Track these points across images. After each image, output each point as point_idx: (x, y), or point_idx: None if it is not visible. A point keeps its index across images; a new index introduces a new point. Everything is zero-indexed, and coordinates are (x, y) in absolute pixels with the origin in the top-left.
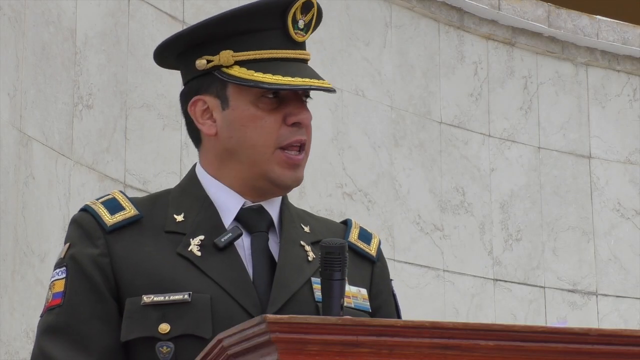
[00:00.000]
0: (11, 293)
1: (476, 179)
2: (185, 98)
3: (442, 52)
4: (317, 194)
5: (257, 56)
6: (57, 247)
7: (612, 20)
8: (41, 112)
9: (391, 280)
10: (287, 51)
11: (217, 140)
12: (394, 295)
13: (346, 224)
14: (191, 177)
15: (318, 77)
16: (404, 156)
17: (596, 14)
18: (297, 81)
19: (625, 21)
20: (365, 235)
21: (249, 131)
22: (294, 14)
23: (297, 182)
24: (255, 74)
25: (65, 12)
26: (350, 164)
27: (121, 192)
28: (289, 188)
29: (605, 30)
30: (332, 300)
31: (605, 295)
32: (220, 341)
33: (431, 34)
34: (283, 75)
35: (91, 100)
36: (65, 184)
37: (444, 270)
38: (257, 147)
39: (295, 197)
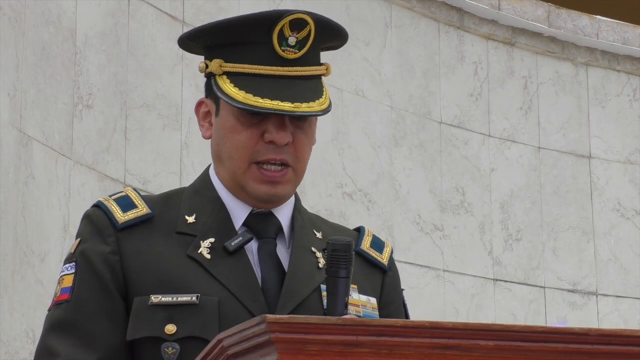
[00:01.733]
0: (11, 293)
1: (476, 179)
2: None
3: (442, 52)
4: (317, 194)
5: (242, 70)
6: (57, 247)
7: (612, 20)
8: (41, 112)
9: (402, 289)
10: (275, 68)
11: (211, 144)
12: (404, 305)
13: (359, 231)
14: (204, 177)
15: (306, 99)
16: (404, 156)
17: (596, 14)
18: (266, 103)
19: (625, 21)
20: (377, 244)
21: (228, 142)
22: (281, 30)
23: (276, 197)
24: (233, 89)
25: (65, 12)
26: (350, 164)
27: (134, 189)
28: (268, 202)
29: (605, 30)
30: (336, 297)
31: (605, 295)
32: (220, 341)
33: (431, 34)
34: (255, 94)
35: (91, 100)
36: (65, 184)
37: (444, 270)
38: (234, 160)
39: None
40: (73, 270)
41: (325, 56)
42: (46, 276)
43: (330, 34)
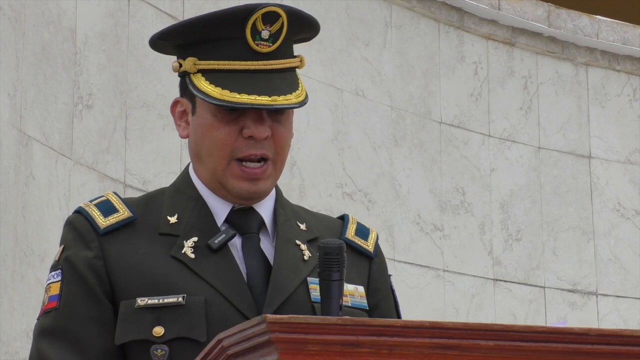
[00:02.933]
0: (11, 293)
1: (476, 179)
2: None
3: (442, 52)
4: (317, 194)
5: (216, 66)
6: (56, 247)
7: (612, 20)
8: (41, 112)
9: (390, 275)
10: (249, 62)
11: (189, 143)
12: (392, 291)
13: (343, 219)
14: (184, 176)
15: (282, 92)
16: (404, 156)
17: (596, 14)
18: (243, 98)
19: (625, 21)
20: (362, 231)
21: (206, 140)
22: (254, 24)
23: (256, 194)
24: (208, 86)
25: (65, 12)
26: (350, 164)
27: (115, 193)
28: (249, 199)
29: (605, 30)
30: (330, 300)
31: (605, 295)
32: (220, 341)
33: (431, 34)
34: (231, 90)
35: (91, 100)
36: (65, 184)
37: (444, 270)
38: (214, 157)
39: (295, 197)
40: (59, 278)
41: (325, 55)
42: (46, 276)
43: (303, 26)
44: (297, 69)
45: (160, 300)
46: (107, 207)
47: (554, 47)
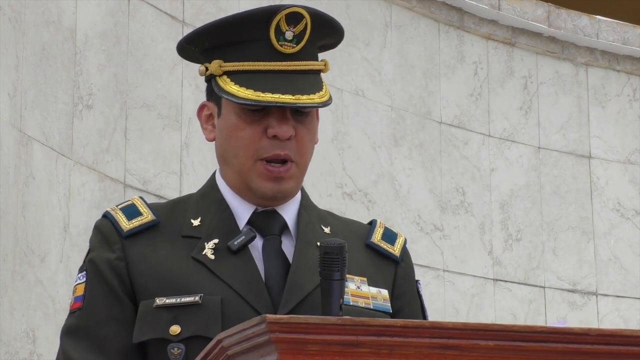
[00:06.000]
0: (11, 293)
1: (476, 179)
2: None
3: (442, 52)
4: (317, 194)
5: (241, 68)
6: (57, 247)
7: (612, 20)
8: (41, 112)
9: (417, 281)
10: (274, 63)
11: (215, 146)
12: (419, 296)
13: (371, 224)
14: (210, 181)
15: (306, 92)
16: (404, 156)
17: (596, 14)
18: (267, 97)
19: (625, 21)
20: (389, 236)
21: (232, 141)
22: (278, 25)
23: (281, 194)
24: (234, 87)
25: (65, 12)
26: (350, 164)
27: (141, 198)
28: (273, 199)
29: (605, 30)
30: (331, 300)
31: (605, 295)
32: (220, 341)
33: (431, 34)
34: (255, 90)
35: (91, 100)
36: (65, 184)
37: (444, 270)
38: (239, 157)
39: None
40: (84, 279)
41: (325, 55)
42: (46, 276)
43: (327, 28)
44: (321, 73)
45: (178, 300)
46: (131, 211)
47: (554, 47)
